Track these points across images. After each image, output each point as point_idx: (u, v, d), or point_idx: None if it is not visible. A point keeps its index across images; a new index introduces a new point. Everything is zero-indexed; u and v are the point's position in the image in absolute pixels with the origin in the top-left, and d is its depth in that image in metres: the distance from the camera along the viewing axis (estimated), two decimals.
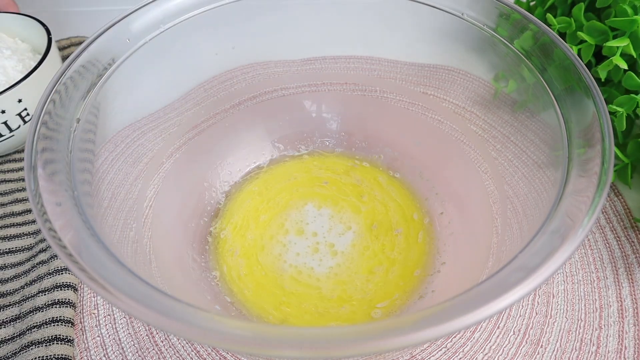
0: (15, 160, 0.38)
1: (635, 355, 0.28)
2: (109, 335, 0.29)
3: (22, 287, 0.30)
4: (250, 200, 0.34)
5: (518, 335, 0.29)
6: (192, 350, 0.28)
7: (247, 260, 0.31)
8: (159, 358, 0.28)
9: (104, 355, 0.28)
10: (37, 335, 0.27)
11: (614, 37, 0.32)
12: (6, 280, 0.31)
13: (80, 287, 0.30)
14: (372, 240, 0.31)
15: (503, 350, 0.28)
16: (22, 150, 0.39)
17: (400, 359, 0.28)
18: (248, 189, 0.35)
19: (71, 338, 0.28)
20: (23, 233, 0.33)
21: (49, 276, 0.29)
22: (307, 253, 0.31)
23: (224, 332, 0.16)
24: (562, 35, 0.35)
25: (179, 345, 0.28)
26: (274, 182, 0.35)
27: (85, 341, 0.28)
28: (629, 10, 0.31)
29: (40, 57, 0.37)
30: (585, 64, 0.26)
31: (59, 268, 0.30)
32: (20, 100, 0.35)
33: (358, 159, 0.36)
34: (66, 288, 0.29)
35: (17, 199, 0.35)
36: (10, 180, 0.37)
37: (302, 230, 0.32)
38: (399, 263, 0.30)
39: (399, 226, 0.32)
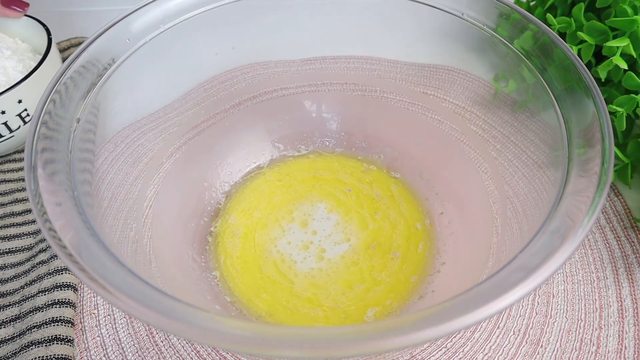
0: (15, 160, 0.38)
1: (635, 355, 0.28)
2: (109, 335, 0.29)
3: (22, 287, 0.30)
4: (266, 187, 0.34)
5: (518, 335, 0.29)
6: (192, 350, 0.28)
7: (243, 241, 0.31)
8: (159, 358, 0.28)
9: (104, 355, 0.28)
10: (37, 335, 0.27)
11: (614, 37, 0.32)
12: (6, 280, 0.31)
13: (80, 287, 0.30)
14: (365, 259, 0.31)
15: (503, 350, 0.28)
16: (22, 150, 0.39)
17: (400, 359, 0.28)
18: (263, 179, 0.35)
19: (71, 338, 0.28)
20: (23, 233, 0.33)
21: (49, 276, 0.29)
22: (297, 246, 0.31)
23: (224, 332, 0.16)
24: (562, 35, 0.35)
25: (179, 345, 0.28)
26: (296, 173, 0.35)
27: (85, 341, 0.28)
28: (629, 10, 0.31)
29: (40, 57, 0.37)
30: (585, 64, 0.26)
31: (59, 268, 0.30)
32: (20, 101, 0.35)
33: (365, 162, 0.36)
34: (66, 288, 0.29)
35: (17, 199, 0.35)
36: (10, 180, 0.37)
37: (306, 222, 0.32)
38: (385, 284, 0.30)
39: (399, 250, 0.31)
